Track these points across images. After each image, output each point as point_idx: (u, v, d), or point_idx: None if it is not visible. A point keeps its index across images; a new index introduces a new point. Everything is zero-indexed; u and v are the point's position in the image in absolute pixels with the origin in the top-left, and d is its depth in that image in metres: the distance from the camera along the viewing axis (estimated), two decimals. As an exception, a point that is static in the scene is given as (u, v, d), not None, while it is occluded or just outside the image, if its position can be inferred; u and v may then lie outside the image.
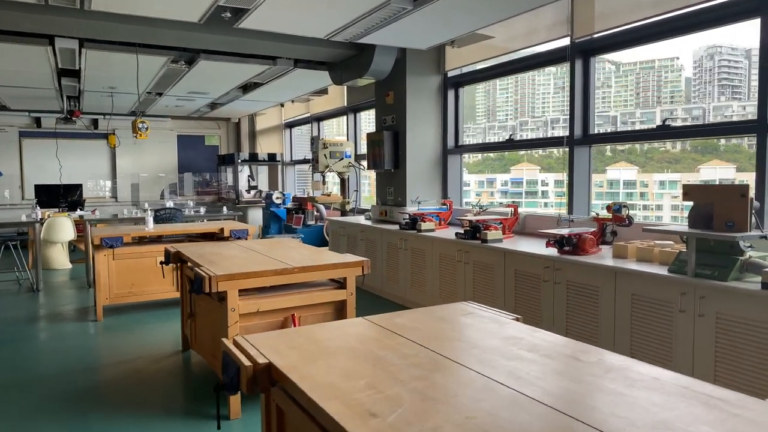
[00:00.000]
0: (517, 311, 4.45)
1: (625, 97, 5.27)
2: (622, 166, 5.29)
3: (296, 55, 6.73)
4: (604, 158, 5.33)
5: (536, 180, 6.43)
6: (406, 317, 2.22)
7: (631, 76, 5.22)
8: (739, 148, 4.58)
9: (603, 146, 5.24)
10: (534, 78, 6.17)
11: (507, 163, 6.87)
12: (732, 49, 4.50)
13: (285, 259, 3.75)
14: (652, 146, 5.05)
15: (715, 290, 3.06)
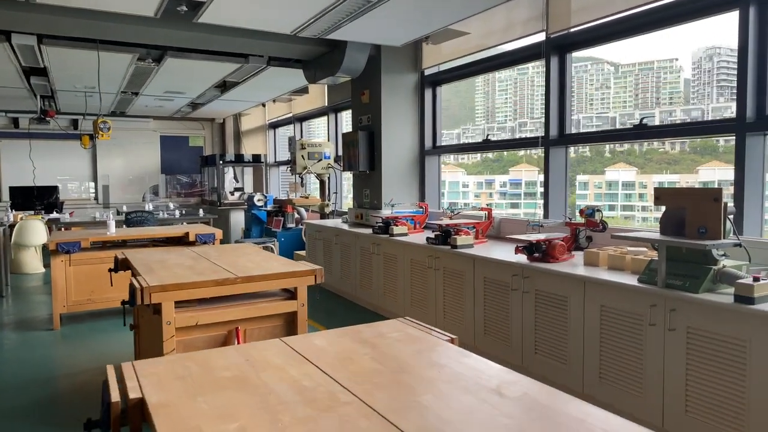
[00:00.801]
0: (487, 321, 4.22)
1: (624, 98, 5.14)
2: (621, 167, 5.17)
3: (268, 52, 6.50)
4: (603, 159, 5.23)
5: (535, 181, 6.31)
6: (328, 338, 1.98)
7: (630, 77, 5.10)
8: None
9: (601, 147, 5.07)
10: (533, 79, 6.05)
11: (506, 165, 6.72)
12: (731, 50, 4.39)
13: (234, 267, 3.51)
14: (651, 147, 4.91)
15: (685, 303, 2.82)
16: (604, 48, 4.75)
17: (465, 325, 4.47)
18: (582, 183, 5.20)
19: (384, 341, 1.93)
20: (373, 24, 5.11)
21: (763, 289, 2.57)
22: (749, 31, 3.40)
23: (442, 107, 6.65)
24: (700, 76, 4.43)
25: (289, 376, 1.61)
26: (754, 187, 3.48)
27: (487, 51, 5.69)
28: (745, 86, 3.40)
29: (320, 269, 3.51)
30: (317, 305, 6.43)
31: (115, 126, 12.19)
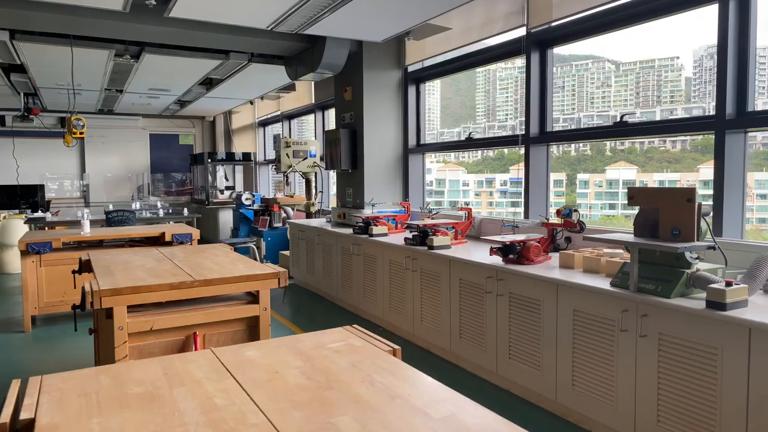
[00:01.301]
0: (462, 325, 4.10)
1: (625, 96, 5.06)
2: (622, 166, 5.10)
3: (249, 48, 6.37)
4: (603, 158, 5.17)
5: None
6: (263, 349, 1.86)
7: (631, 75, 5.03)
8: None
9: (602, 146, 4.98)
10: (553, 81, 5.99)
11: (507, 163, 6.65)
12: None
13: (197, 269, 3.39)
14: (652, 145, 4.86)
15: (657, 308, 2.70)
16: (605, 46, 4.72)
17: (441, 329, 4.34)
18: (582, 182, 5.15)
19: (321, 353, 1.81)
20: (350, 19, 4.99)
21: (736, 295, 2.44)
22: (729, 25, 3.27)
23: (440, 105, 6.54)
24: (702, 75, 4.36)
25: (204, 392, 1.49)
26: (734, 186, 3.35)
27: (472, 46, 5.56)
28: (724, 82, 3.27)
29: (284, 272, 3.39)
30: (297, 308, 6.32)
31: (103, 124, 12.15)
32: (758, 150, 3.78)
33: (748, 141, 3.40)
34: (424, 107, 6.46)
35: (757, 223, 3.68)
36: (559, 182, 5.62)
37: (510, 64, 5.58)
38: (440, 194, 6.86)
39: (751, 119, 3.26)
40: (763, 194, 3.69)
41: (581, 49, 4.82)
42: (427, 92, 6.77)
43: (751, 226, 3.60)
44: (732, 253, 3.13)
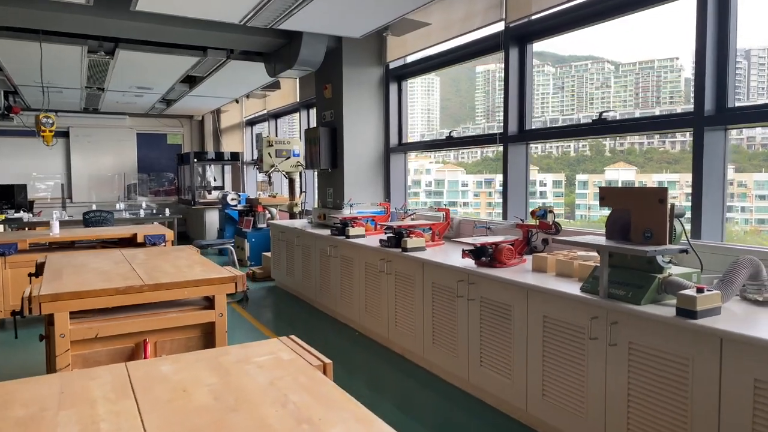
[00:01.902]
0: (435, 330, 3.94)
1: (625, 97, 4.95)
2: (621, 167, 5.01)
3: (226, 44, 6.21)
4: (603, 158, 5.10)
5: (535, 180, 6.15)
6: (181, 363, 1.70)
7: (631, 76, 4.94)
8: (738, 149, 4.36)
9: (601, 146, 4.87)
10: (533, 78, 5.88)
11: None
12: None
13: (152, 273, 3.24)
14: (651, 146, 4.78)
15: (627, 315, 2.54)
16: (604, 47, 4.61)
17: (415, 334, 4.19)
18: (581, 182, 5.06)
19: (242, 368, 1.65)
20: (326, 13, 4.84)
21: (708, 302, 2.29)
22: (707, 17, 3.11)
23: (440, 105, 6.37)
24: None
25: (92, 415, 1.33)
26: (713, 186, 3.19)
27: (453, 42, 5.40)
28: (703, 76, 3.12)
29: (242, 276, 3.23)
30: (276, 311, 6.16)
31: (89, 123, 11.98)
32: (758, 151, 3.68)
33: (748, 141, 3.25)
34: (406, 105, 6.31)
35: (756, 224, 3.59)
36: (558, 183, 5.54)
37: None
38: (439, 195, 6.75)
39: (731, 116, 3.11)
40: (762, 195, 3.62)
41: (581, 50, 4.79)
42: (427, 92, 6.66)
43: (751, 226, 3.53)
44: (711, 256, 2.98)
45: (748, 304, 2.52)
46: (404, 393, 3.81)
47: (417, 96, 6.63)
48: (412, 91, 6.51)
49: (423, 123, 6.73)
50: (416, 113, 6.62)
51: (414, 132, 6.49)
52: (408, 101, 6.36)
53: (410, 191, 6.60)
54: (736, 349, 2.14)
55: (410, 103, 6.44)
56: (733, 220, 3.47)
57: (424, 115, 6.72)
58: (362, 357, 4.51)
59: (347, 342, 4.89)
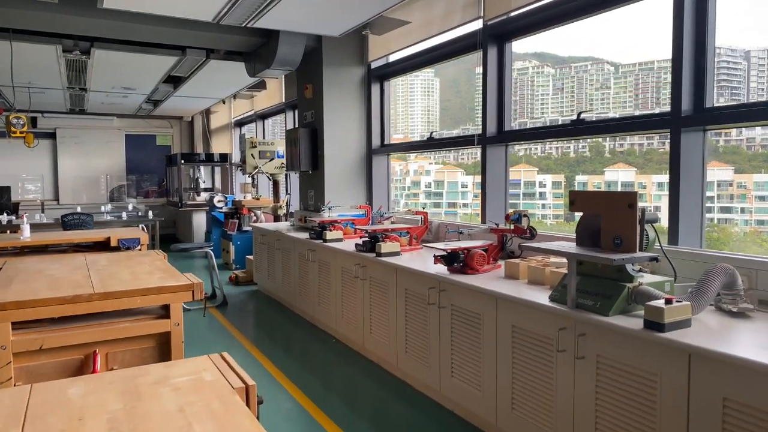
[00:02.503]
0: (408, 338, 3.81)
1: (624, 98, 4.86)
2: (621, 168, 4.94)
3: (204, 44, 6.08)
4: (602, 159, 5.05)
5: (534, 181, 6.09)
6: (92, 385, 1.57)
7: (630, 77, 4.86)
8: (737, 150, 4.32)
9: (601, 147, 4.80)
10: (533, 79, 5.80)
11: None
12: (731, 50, 4.18)
13: (108, 280, 3.10)
14: (651, 147, 4.69)
15: (595, 327, 2.41)
16: (605, 48, 4.58)
17: (389, 342, 4.05)
18: (581, 183, 4.98)
19: (157, 391, 1.52)
20: (302, 11, 4.71)
21: (677, 314, 2.15)
22: (685, 13, 2.98)
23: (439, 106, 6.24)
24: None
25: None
26: (691, 189, 3.06)
27: (434, 40, 5.27)
28: (679, 76, 2.98)
29: (199, 284, 3.09)
30: (255, 317, 6.01)
31: (76, 124, 11.86)
32: (757, 152, 3.64)
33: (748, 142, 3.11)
34: (389, 106, 6.18)
35: (756, 225, 3.52)
36: (557, 184, 5.47)
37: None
38: (439, 195, 6.65)
39: (710, 116, 2.97)
40: (762, 196, 3.55)
41: (581, 51, 4.73)
42: (427, 93, 6.55)
43: (750, 227, 3.47)
44: (688, 263, 2.85)
45: (722, 316, 2.39)
46: (377, 404, 3.68)
47: (417, 96, 6.55)
48: (412, 92, 6.42)
49: (423, 123, 6.64)
50: (416, 113, 6.53)
51: (414, 132, 6.41)
52: (390, 102, 6.22)
53: (410, 192, 6.50)
54: (705, 366, 2.00)
55: (410, 103, 6.35)
56: (733, 221, 3.43)
57: (424, 116, 6.63)
58: (337, 365, 4.38)
59: (323, 349, 4.76)
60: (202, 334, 5.28)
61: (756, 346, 1.99)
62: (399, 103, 6.75)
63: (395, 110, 6.60)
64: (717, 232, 3.43)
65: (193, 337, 5.21)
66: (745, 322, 2.30)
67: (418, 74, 6.25)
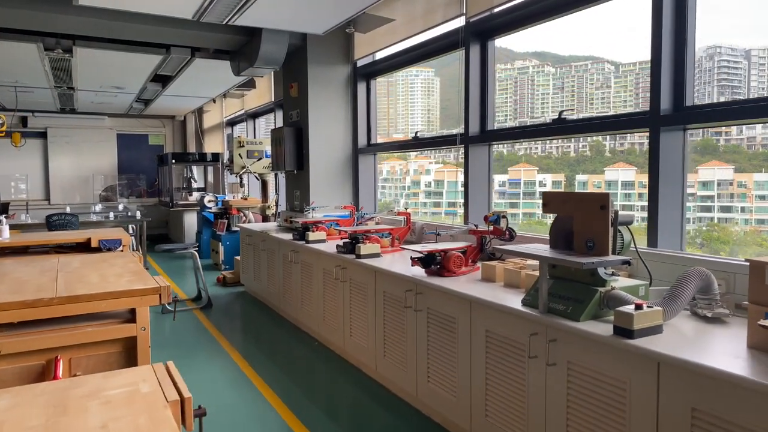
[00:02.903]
0: (387, 342, 3.73)
1: (625, 97, 4.82)
2: (621, 167, 4.91)
3: (187, 42, 6.00)
4: (603, 159, 5.03)
5: (534, 181, 6.06)
6: (19, 398, 1.49)
7: (631, 76, 4.82)
8: (738, 149, 4.30)
9: (601, 146, 4.74)
10: (533, 78, 5.76)
11: (506, 164, 6.45)
12: (731, 49, 4.18)
13: (74, 284, 3.03)
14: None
15: (566, 332, 2.33)
16: (605, 47, 4.50)
17: (368, 346, 3.98)
18: (581, 183, 5.00)
19: (86, 404, 1.44)
20: (283, 8, 4.63)
21: (647, 320, 2.07)
22: (663, 11, 2.90)
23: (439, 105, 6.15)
24: (701, 76, 4.15)
25: None
26: (671, 191, 2.98)
27: (418, 38, 5.19)
28: (659, 72, 2.90)
29: (166, 287, 3.02)
30: (240, 319, 5.93)
31: (67, 124, 11.78)
32: (758, 151, 3.60)
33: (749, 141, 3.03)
34: (375, 105, 6.10)
35: (756, 224, 3.46)
36: (557, 183, 5.44)
37: (509, 65, 5.40)
38: (438, 195, 6.59)
39: (689, 114, 2.89)
40: (762, 195, 3.50)
41: (581, 50, 4.69)
42: (427, 93, 6.49)
43: (750, 227, 3.42)
44: (666, 267, 2.77)
45: (697, 321, 2.31)
46: (355, 411, 3.60)
47: (417, 96, 6.51)
48: (412, 91, 6.38)
49: (423, 123, 6.59)
50: (416, 113, 6.48)
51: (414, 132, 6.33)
52: (376, 101, 6.15)
53: (410, 192, 6.44)
54: (674, 374, 1.92)
55: (410, 102, 6.30)
56: (733, 220, 3.39)
57: (424, 116, 6.58)
58: (318, 369, 4.30)
59: (305, 352, 4.68)
60: (183, 337, 5.20)
61: (727, 354, 1.91)
62: (399, 102, 6.73)
63: (395, 109, 6.56)
64: (717, 231, 3.41)
65: (173, 340, 5.14)
66: (719, 327, 2.22)
67: (418, 74, 6.22)
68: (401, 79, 6.33)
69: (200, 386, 3.97)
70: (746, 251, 3.29)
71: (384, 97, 6.63)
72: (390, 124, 6.56)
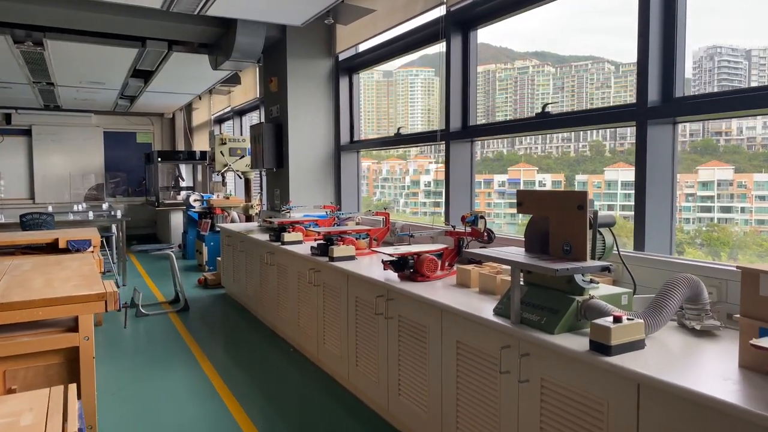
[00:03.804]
0: (359, 351, 3.50)
1: (625, 97, 4.69)
2: (620, 167, 4.79)
3: (161, 34, 5.77)
4: (603, 159, 4.92)
5: (534, 181, 5.94)
6: None
7: (631, 76, 4.69)
8: (738, 149, 4.21)
9: (601, 146, 4.55)
10: (533, 78, 5.60)
11: (506, 164, 6.34)
12: (732, 49, 4.05)
13: (14, 289, 2.81)
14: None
15: (539, 346, 2.10)
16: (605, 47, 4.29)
17: (341, 355, 3.75)
18: (581, 183, 4.89)
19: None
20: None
21: (627, 334, 1.84)
22: (652, -9, 2.67)
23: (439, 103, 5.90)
24: (701, 76, 4.04)
25: None
26: (659, 189, 2.75)
27: (400, 29, 4.96)
28: (646, 60, 2.67)
29: (113, 293, 2.80)
30: (216, 323, 5.69)
31: (51, 121, 11.54)
32: (758, 151, 3.47)
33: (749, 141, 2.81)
34: (358, 100, 5.87)
35: (756, 225, 3.35)
36: (557, 183, 5.32)
37: (509, 65, 5.25)
38: (438, 195, 6.42)
39: (679, 106, 2.66)
40: (762, 195, 3.38)
41: (581, 50, 4.52)
42: (427, 92, 6.29)
43: (750, 227, 3.31)
44: (653, 272, 2.54)
45: (684, 334, 2.08)
46: (327, 425, 3.37)
47: (417, 96, 6.34)
48: (412, 90, 6.19)
49: (423, 124, 6.42)
50: (416, 113, 6.30)
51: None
52: (359, 96, 5.91)
53: (409, 191, 6.23)
54: (656, 397, 1.69)
55: (411, 102, 6.12)
56: (733, 220, 3.27)
57: (424, 116, 6.40)
58: (292, 378, 4.07)
59: (280, 360, 4.45)
60: (154, 343, 4.96)
61: (717, 375, 1.68)
62: (400, 102, 6.59)
63: (395, 109, 6.41)
64: (717, 231, 3.26)
65: (143, 345, 4.90)
66: (709, 342, 1.99)
67: (418, 73, 6.06)
68: (401, 78, 6.18)
69: (161, 397, 3.74)
70: (746, 252, 3.12)
71: (384, 97, 6.51)
72: (390, 124, 6.40)
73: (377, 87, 6.30)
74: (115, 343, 4.99)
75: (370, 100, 6.31)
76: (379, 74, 6.27)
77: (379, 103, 6.22)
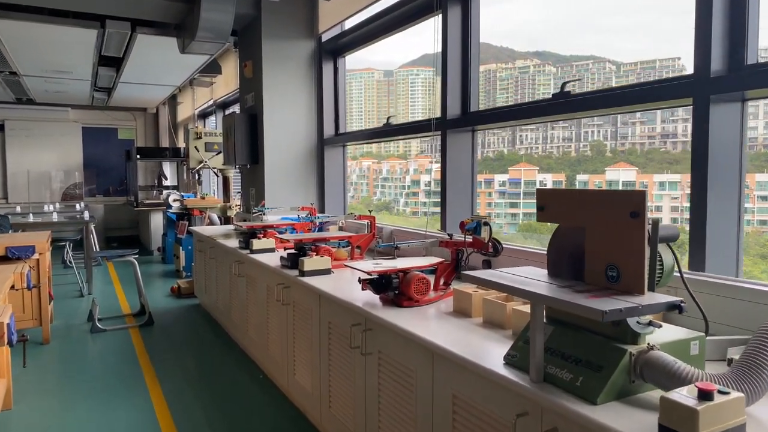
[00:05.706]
0: (332, 389, 2.82)
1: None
2: (622, 167, 4.61)
3: (121, 12, 5.09)
4: (604, 159, 4.84)
5: (534, 180, 5.51)
6: None
7: (632, 76, 4.30)
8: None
9: (602, 146, 4.12)
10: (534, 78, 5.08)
11: (506, 163, 5.97)
12: None
13: None
14: (653, 147, 4.18)
15: (575, 422, 1.41)
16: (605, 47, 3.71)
17: (312, 391, 3.06)
18: (582, 183, 4.61)
19: None
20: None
21: (719, 418, 1.16)
22: None
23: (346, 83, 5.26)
24: None
25: None
26: (725, 189, 2.06)
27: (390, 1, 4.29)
28: (709, 19, 1.97)
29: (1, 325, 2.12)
30: (182, 340, 4.99)
31: (25, 116, 10.84)
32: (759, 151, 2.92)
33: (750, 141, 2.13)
34: (344, 87, 5.18)
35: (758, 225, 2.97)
36: (558, 183, 4.96)
37: (510, 64, 4.74)
38: (438, 195, 5.90)
39: (751, 75, 1.97)
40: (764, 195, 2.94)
41: (581, 50, 4.07)
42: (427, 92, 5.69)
43: (752, 228, 2.91)
44: (719, 301, 1.85)
45: (791, 404, 1.39)
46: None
47: (417, 96, 5.78)
48: (412, 91, 5.60)
49: (343, 107, 5.88)
50: (416, 113, 5.72)
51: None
52: (345, 83, 5.23)
53: (410, 191, 5.63)
54: None
55: (411, 101, 5.53)
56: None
57: (425, 115, 5.84)
58: (258, 411, 3.39)
59: (247, 388, 3.77)
60: (105, 365, 4.28)
61: None
62: (400, 101, 6.10)
63: (396, 108, 5.87)
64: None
65: (90, 368, 4.21)
66: (836, 422, 1.30)
67: (419, 73, 5.50)
68: (402, 78, 5.65)
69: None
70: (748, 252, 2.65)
71: (384, 97, 6.03)
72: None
73: (377, 87, 5.84)
74: (56, 365, 4.31)
75: (370, 100, 5.88)
76: (380, 74, 5.89)
77: (379, 103, 5.72)
